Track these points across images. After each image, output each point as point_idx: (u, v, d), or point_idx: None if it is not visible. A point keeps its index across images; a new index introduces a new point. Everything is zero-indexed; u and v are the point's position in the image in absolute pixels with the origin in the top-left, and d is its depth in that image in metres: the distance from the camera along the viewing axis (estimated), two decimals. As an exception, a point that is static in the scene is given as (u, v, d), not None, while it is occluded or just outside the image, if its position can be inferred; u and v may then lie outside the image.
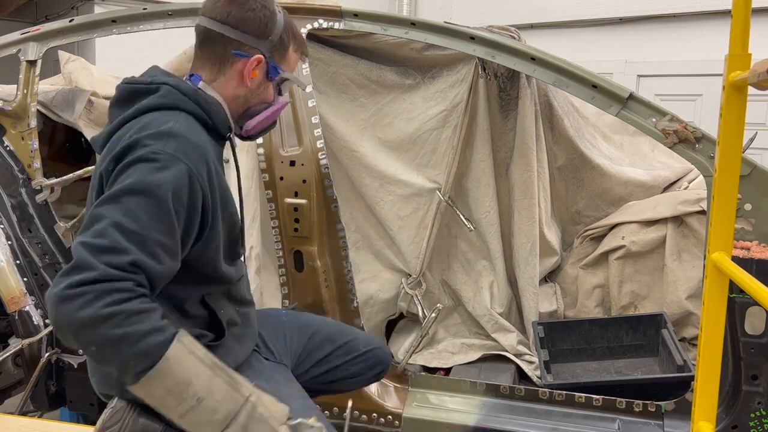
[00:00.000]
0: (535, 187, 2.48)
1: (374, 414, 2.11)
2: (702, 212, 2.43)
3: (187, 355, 1.16)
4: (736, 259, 1.69)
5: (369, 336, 1.94)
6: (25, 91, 2.38)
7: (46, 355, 2.32)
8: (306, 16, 2.19)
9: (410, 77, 2.43)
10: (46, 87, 2.76)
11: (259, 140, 2.11)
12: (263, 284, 2.49)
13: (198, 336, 1.33)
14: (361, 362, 1.76)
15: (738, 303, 1.75)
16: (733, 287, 1.69)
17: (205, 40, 1.41)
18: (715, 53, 4.45)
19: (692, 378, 1.95)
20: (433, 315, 2.31)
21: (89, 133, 2.68)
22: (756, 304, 1.73)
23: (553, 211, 2.76)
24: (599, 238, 2.69)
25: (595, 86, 1.91)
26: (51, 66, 3.27)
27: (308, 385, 1.67)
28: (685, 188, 2.79)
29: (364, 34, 2.30)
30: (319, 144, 2.10)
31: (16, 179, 2.43)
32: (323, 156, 2.10)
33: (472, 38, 2.05)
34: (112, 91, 2.91)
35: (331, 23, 2.18)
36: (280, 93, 1.50)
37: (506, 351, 2.47)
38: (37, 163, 2.42)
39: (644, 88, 5.43)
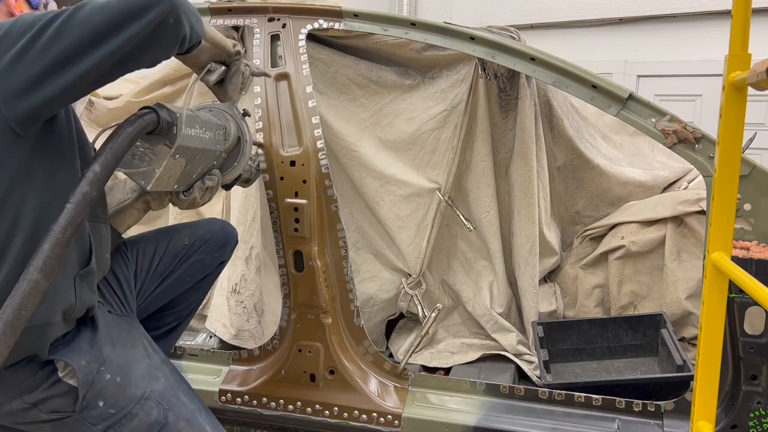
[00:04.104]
0: (534, 187, 2.48)
1: (374, 414, 2.11)
2: (701, 212, 2.44)
3: None
4: (735, 259, 1.69)
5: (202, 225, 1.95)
6: (25, 91, 2.38)
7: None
8: (306, 16, 2.20)
9: (410, 77, 2.44)
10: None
11: (260, 140, 2.11)
12: (263, 284, 2.50)
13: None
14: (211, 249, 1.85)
15: (737, 303, 1.75)
16: (733, 287, 1.70)
17: None
18: (714, 53, 4.46)
19: (692, 378, 1.95)
20: (433, 315, 2.31)
21: (90, 133, 2.67)
22: (755, 303, 1.73)
23: (552, 211, 2.76)
24: (599, 238, 2.70)
25: (594, 86, 1.92)
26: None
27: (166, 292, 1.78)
28: (685, 188, 2.79)
29: (364, 35, 2.31)
30: (319, 144, 2.11)
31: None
32: (323, 156, 2.10)
33: (472, 38, 2.05)
34: (112, 91, 2.91)
35: (331, 23, 2.18)
36: None
37: (506, 351, 2.47)
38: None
39: (644, 89, 5.43)
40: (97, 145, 1.30)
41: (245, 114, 1.72)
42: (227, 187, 1.83)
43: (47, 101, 1.17)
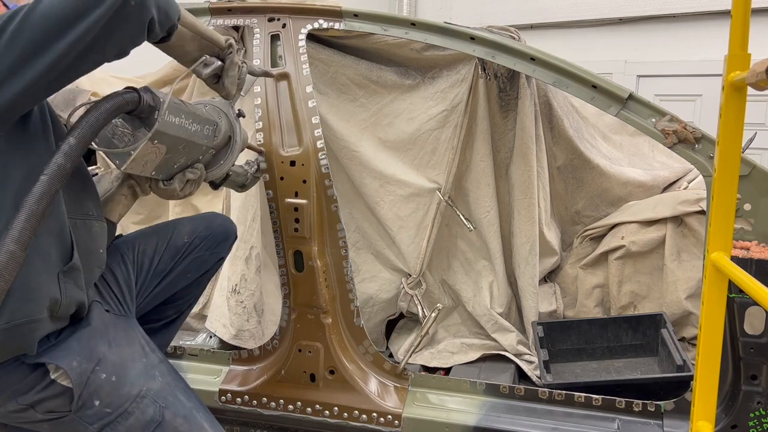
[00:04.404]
0: (534, 187, 2.48)
1: (374, 414, 2.11)
2: (701, 212, 2.44)
3: None
4: (735, 259, 1.69)
5: (201, 219, 1.92)
6: (25, 91, 2.38)
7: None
8: (306, 16, 2.20)
9: (410, 77, 2.44)
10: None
11: (260, 140, 2.11)
12: (263, 284, 2.50)
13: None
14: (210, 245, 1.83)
15: (737, 303, 1.75)
16: (733, 287, 1.70)
17: None
18: (714, 53, 4.46)
19: (691, 378, 1.95)
20: (433, 315, 2.32)
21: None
22: (755, 304, 1.73)
23: (552, 211, 2.76)
24: (599, 238, 2.70)
25: (594, 86, 1.92)
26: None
27: (167, 290, 1.77)
28: (685, 188, 2.79)
29: (364, 35, 2.31)
30: (319, 144, 2.11)
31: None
32: (323, 156, 2.11)
33: (472, 38, 2.05)
34: (112, 91, 2.91)
35: (331, 23, 2.18)
36: None
37: (506, 351, 2.47)
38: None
39: (644, 89, 5.43)
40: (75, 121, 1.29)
41: (240, 114, 1.71)
42: (214, 185, 1.81)
43: (17, 96, 1.15)
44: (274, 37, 2.20)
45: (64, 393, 1.37)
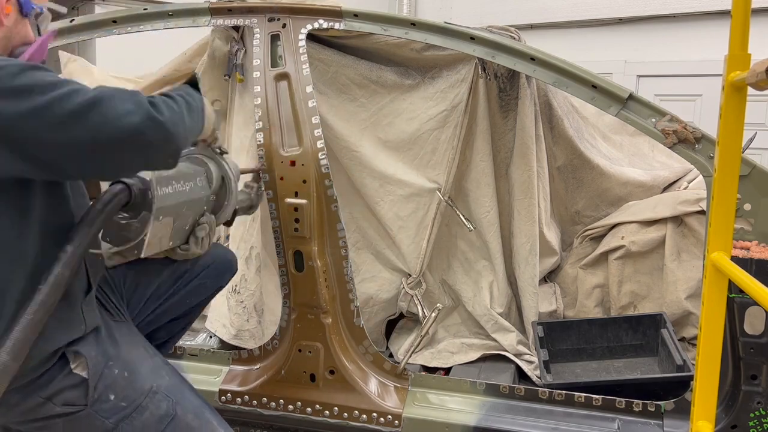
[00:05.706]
0: (534, 187, 2.49)
1: (374, 414, 2.11)
2: (701, 212, 2.44)
3: None
4: (735, 259, 1.69)
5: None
6: (25, 91, 2.38)
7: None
8: (306, 16, 2.20)
9: (410, 77, 2.44)
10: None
11: (260, 140, 2.11)
12: (263, 284, 2.50)
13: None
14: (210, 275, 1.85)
15: (737, 303, 1.75)
16: (733, 287, 1.70)
17: None
18: (714, 53, 4.45)
19: (692, 378, 1.95)
20: (433, 315, 2.31)
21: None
22: (755, 304, 1.73)
23: (552, 211, 2.76)
24: (599, 238, 2.70)
25: (594, 86, 1.92)
26: (52, 66, 3.25)
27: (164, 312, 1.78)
28: (685, 188, 2.79)
29: (364, 35, 2.31)
30: (319, 144, 2.10)
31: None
32: (323, 156, 2.10)
33: (472, 38, 2.05)
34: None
35: (331, 23, 2.18)
36: (39, 32, 1.45)
37: (506, 351, 2.47)
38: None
39: (644, 89, 5.43)
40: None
41: (222, 151, 1.72)
42: (228, 223, 1.83)
43: (39, 166, 1.17)
44: (274, 37, 2.20)
45: (80, 384, 1.39)
